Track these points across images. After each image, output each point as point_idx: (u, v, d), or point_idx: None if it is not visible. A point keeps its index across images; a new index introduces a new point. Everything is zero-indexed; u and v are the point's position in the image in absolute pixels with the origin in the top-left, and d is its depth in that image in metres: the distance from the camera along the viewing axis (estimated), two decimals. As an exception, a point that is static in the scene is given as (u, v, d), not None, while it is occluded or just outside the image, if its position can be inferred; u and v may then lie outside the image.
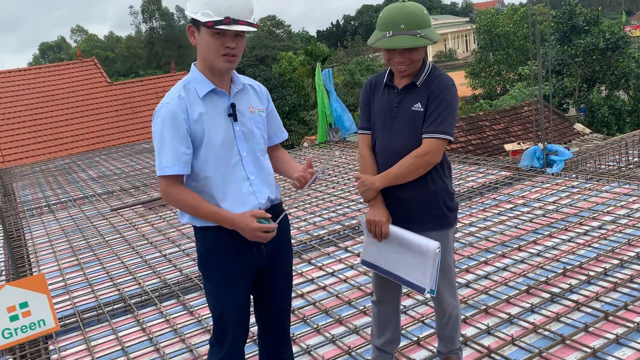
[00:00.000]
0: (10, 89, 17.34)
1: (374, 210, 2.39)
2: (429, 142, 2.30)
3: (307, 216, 5.71)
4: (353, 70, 30.22)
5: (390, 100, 2.41)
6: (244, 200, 2.22)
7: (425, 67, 2.36)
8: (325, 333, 3.32)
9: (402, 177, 2.33)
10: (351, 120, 10.20)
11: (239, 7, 2.12)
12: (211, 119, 2.19)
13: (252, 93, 2.35)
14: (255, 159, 2.28)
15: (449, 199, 2.43)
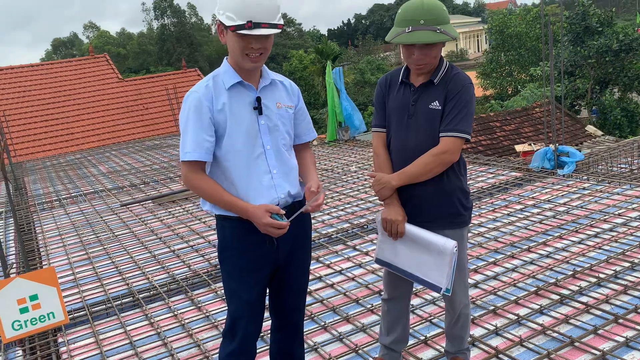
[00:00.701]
0: (23, 84, 17.48)
1: (389, 209, 2.38)
2: (447, 141, 2.28)
3: (316, 214, 5.70)
4: (363, 69, 30.19)
5: (406, 97, 2.39)
6: (263, 193, 2.25)
7: (442, 65, 2.35)
8: (332, 331, 3.32)
9: (419, 176, 2.32)
10: (361, 119, 10.19)
11: (261, 10, 2.11)
12: (235, 110, 2.22)
13: (282, 89, 2.37)
14: (278, 153, 2.30)
15: (464, 197, 2.42)
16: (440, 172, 2.32)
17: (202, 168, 2.24)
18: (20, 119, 16.18)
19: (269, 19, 2.13)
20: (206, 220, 5.97)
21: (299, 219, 2.32)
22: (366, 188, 6.50)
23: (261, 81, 2.29)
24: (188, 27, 59.21)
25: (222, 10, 2.16)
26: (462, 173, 2.42)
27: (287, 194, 2.30)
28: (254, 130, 2.25)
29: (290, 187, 2.32)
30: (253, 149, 2.25)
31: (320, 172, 7.66)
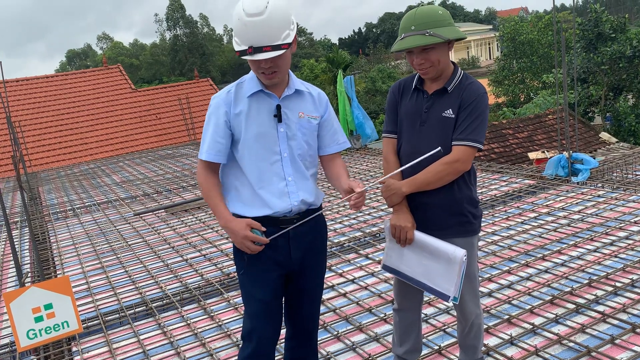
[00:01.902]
0: (38, 95, 17.72)
1: (399, 216, 2.37)
2: (459, 150, 2.28)
3: (328, 222, 5.69)
4: (375, 77, 30.22)
5: (419, 104, 2.40)
6: (278, 199, 2.29)
7: (457, 73, 2.35)
8: (345, 340, 3.30)
9: (430, 184, 2.31)
10: (372, 128, 10.19)
11: (260, 34, 2.13)
12: (254, 116, 2.28)
13: (307, 99, 2.39)
14: (294, 161, 2.33)
15: (473, 206, 2.41)
16: (451, 180, 2.32)
17: (213, 168, 2.34)
18: (35, 129, 16.38)
19: (271, 41, 2.14)
20: (219, 229, 5.98)
21: (314, 225, 2.36)
22: (377, 196, 6.48)
23: (286, 90, 2.32)
24: (200, 37, 59.76)
25: (233, 33, 2.23)
26: (472, 182, 2.42)
27: (300, 201, 2.32)
28: (272, 137, 2.29)
29: (305, 195, 2.34)
30: (270, 155, 2.30)
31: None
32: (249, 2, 2.14)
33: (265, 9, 2.11)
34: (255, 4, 2.12)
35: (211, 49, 60.26)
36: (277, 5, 2.15)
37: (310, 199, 2.36)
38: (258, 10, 2.11)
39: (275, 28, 2.14)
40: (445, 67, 2.33)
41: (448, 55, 2.32)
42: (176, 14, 59.01)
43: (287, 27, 2.18)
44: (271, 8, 2.13)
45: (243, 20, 2.13)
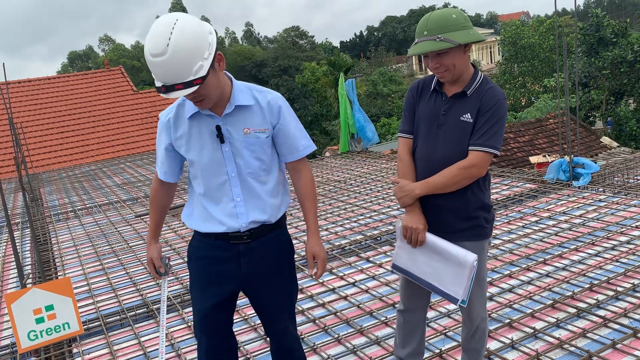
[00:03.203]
0: (39, 96, 17.75)
1: (411, 217, 2.37)
2: (476, 155, 2.27)
3: (329, 225, 5.70)
4: (376, 80, 30.25)
5: (437, 106, 2.38)
6: (226, 220, 2.27)
7: (476, 76, 2.34)
8: (346, 343, 3.30)
9: (444, 187, 2.30)
10: (373, 131, 10.20)
11: (169, 73, 2.01)
12: (195, 139, 2.24)
13: (254, 112, 2.25)
14: (244, 180, 2.26)
15: (485, 210, 2.41)
16: (466, 185, 2.31)
17: (164, 184, 2.43)
18: (37, 130, 16.40)
19: (181, 78, 2.01)
20: (219, 231, 5.98)
21: (266, 240, 2.31)
22: (379, 200, 6.49)
23: (227, 107, 2.21)
24: (202, 40, 59.67)
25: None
26: (486, 187, 2.42)
27: (250, 222, 2.27)
28: (217, 158, 2.24)
29: (257, 214, 2.28)
30: (218, 176, 2.26)
31: (333, 184, 7.66)
32: (150, 40, 2.00)
33: (167, 47, 1.96)
34: (156, 43, 1.97)
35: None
36: (182, 39, 1.98)
37: (263, 217, 2.29)
38: (159, 50, 1.97)
39: (182, 65, 1.99)
40: (463, 70, 2.31)
41: (464, 58, 2.29)
42: (178, 16, 59.04)
43: (198, 60, 2.01)
44: (173, 46, 1.96)
45: (149, 60, 2.01)
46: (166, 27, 1.99)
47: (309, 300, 3.97)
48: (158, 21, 2.04)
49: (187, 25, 2.01)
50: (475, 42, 2.33)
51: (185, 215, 2.40)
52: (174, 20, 2.01)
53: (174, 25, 2.00)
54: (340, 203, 6.56)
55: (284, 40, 64.96)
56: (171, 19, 2.03)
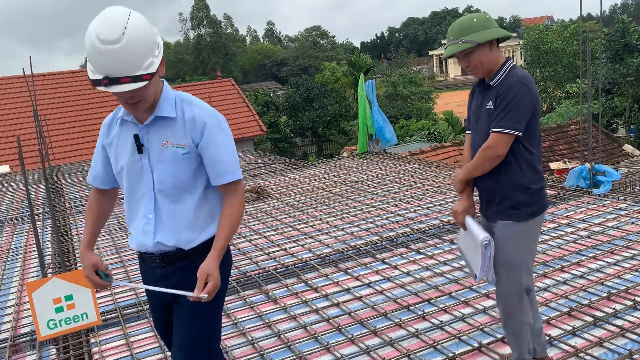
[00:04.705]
0: (62, 90, 18.02)
1: (457, 202, 2.67)
2: (491, 137, 2.47)
3: (345, 225, 5.71)
4: (396, 82, 30.13)
5: (478, 101, 2.63)
6: (138, 237, 2.19)
7: (503, 68, 2.52)
8: (359, 344, 3.31)
9: (474, 170, 2.55)
10: (392, 132, 10.18)
11: (117, 63, 1.85)
12: (120, 147, 2.15)
13: (175, 125, 2.08)
14: (157, 197, 2.11)
15: (522, 191, 2.52)
16: (491, 166, 2.49)
17: (99, 191, 2.31)
18: (59, 123, 16.66)
19: (130, 71, 1.88)
20: (239, 228, 6.02)
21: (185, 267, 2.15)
22: (396, 201, 6.48)
23: (149, 116, 2.07)
24: (224, 37, 60.19)
25: (86, 56, 1.96)
26: (524, 169, 2.51)
27: (157, 244, 2.12)
28: (136, 169, 2.11)
29: (164, 236, 2.11)
30: (136, 189, 2.14)
31: (350, 184, 7.67)
32: (103, 26, 1.85)
33: (122, 35, 1.84)
34: (110, 29, 1.84)
35: (234, 49, 60.63)
36: (137, 30, 1.87)
37: (170, 242, 2.10)
38: (113, 37, 1.83)
39: (135, 56, 1.88)
40: (493, 65, 2.52)
41: (491, 55, 2.51)
42: (201, 13, 59.51)
43: (150, 55, 1.92)
44: (130, 34, 1.85)
45: (96, 48, 1.85)
46: (122, 16, 1.88)
47: (324, 299, 3.99)
48: (109, 9, 1.93)
49: (141, 19, 1.94)
50: (497, 39, 2.52)
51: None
52: (128, 11, 1.92)
53: (129, 15, 1.90)
54: (356, 203, 6.57)
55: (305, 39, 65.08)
56: (124, 9, 1.93)
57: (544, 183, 2.60)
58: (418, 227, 5.39)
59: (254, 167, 10.05)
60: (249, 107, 19.73)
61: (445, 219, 5.55)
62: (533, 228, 2.58)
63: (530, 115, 2.46)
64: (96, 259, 2.21)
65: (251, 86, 40.75)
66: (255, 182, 8.51)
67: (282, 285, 4.30)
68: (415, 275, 4.25)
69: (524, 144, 2.49)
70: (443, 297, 3.84)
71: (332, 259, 4.76)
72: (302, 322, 3.64)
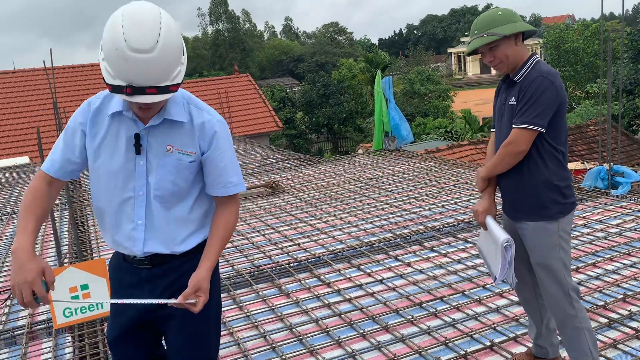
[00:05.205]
0: (82, 82, 18.25)
1: (478, 201, 2.62)
2: (512, 133, 2.42)
3: (359, 222, 5.71)
4: (413, 79, 30.00)
5: (502, 97, 2.58)
6: (122, 243, 1.99)
7: (527, 63, 2.46)
8: (371, 339, 3.31)
9: (495, 166, 2.51)
10: (408, 130, 10.13)
11: (146, 74, 1.69)
12: (110, 142, 1.92)
13: (184, 130, 1.94)
14: (149, 203, 1.95)
15: (551, 190, 2.45)
16: (513, 163, 2.44)
17: (52, 183, 1.97)
18: (79, 116, 16.86)
19: (158, 82, 1.72)
20: (251, 222, 6.06)
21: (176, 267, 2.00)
22: (410, 199, 6.46)
23: (154, 118, 1.89)
24: (241, 33, 60.35)
25: (102, 53, 1.75)
26: (549, 166, 2.45)
27: (145, 252, 1.98)
28: (127, 170, 1.92)
29: (158, 245, 1.97)
30: (123, 191, 1.94)
31: (365, 181, 7.66)
32: (135, 33, 1.67)
33: (156, 44, 1.68)
34: (144, 37, 1.67)
35: (252, 45, 60.77)
36: (170, 38, 1.71)
37: (162, 250, 1.97)
38: (147, 47, 1.67)
39: (165, 66, 1.72)
40: (518, 60, 2.46)
41: (517, 49, 2.45)
42: (219, 8, 59.70)
43: (178, 63, 1.77)
44: (163, 42, 1.69)
45: (124, 54, 1.66)
46: (155, 20, 1.70)
47: (336, 294, 3.99)
48: (138, 8, 1.71)
49: (172, 22, 1.74)
50: (522, 33, 2.46)
51: (98, 225, 2.11)
52: (158, 13, 1.72)
53: (161, 18, 1.71)
54: (371, 200, 6.56)
55: (323, 35, 65.01)
56: (154, 9, 1.73)
57: (572, 180, 2.55)
58: (432, 225, 5.37)
59: (269, 162, 10.08)
60: (266, 103, 19.80)
61: (460, 217, 5.52)
62: (565, 227, 2.49)
63: (555, 110, 2.39)
64: (45, 265, 1.81)
65: (268, 82, 40.86)
66: (270, 177, 8.54)
67: (295, 279, 4.32)
68: (429, 273, 4.23)
69: (548, 140, 2.42)
70: (456, 295, 3.82)
71: (345, 255, 4.77)
72: (313, 316, 3.65)
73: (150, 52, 1.67)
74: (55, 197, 2.01)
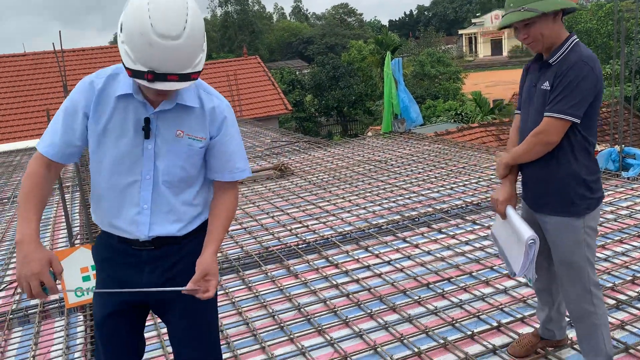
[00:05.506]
0: (92, 65, 18.25)
1: (498, 188, 2.47)
2: (544, 121, 2.26)
3: (367, 204, 5.72)
4: (423, 61, 29.71)
5: (532, 79, 2.41)
6: (126, 227, 1.94)
7: (564, 44, 2.28)
8: (378, 319, 3.34)
9: (521, 155, 2.36)
10: (418, 112, 10.08)
11: (170, 60, 1.67)
12: (116, 125, 1.87)
13: (195, 115, 1.92)
14: (157, 188, 1.91)
15: (579, 184, 2.30)
16: (542, 152, 2.29)
17: (52, 166, 1.90)
18: (89, 99, 16.92)
19: (180, 69, 1.70)
20: (260, 204, 6.09)
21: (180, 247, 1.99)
22: (419, 181, 6.45)
23: (164, 103, 1.85)
24: (250, 14, 60.02)
25: (122, 36, 1.70)
26: (579, 159, 2.30)
27: (150, 236, 1.94)
28: (134, 155, 1.88)
29: (162, 228, 1.94)
30: (128, 174, 1.89)
31: (374, 164, 7.66)
32: (163, 18, 1.63)
33: (183, 31, 1.65)
34: (172, 24, 1.64)
35: (261, 26, 60.42)
36: (196, 24, 1.69)
37: (172, 230, 1.95)
38: (175, 33, 1.64)
39: (189, 53, 1.71)
40: (554, 40, 2.28)
41: (554, 28, 2.27)
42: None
43: (200, 50, 1.75)
44: (189, 28, 1.67)
45: (149, 40, 1.63)
46: (182, 6, 1.67)
47: (344, 275, 4.02)
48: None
49: (196, 7, 1.72)
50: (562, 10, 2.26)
51: (92, 208, 2.05)
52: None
53: (187, 2, 1.69)
54: (379, 183, 6.56)
55: (332, 17, 64.49)
56: None
57: (600, 173, 2.39)
58: (441, 207, 5.37)
59: (278, 145, 10.08)
60: (275, 86, 19.75)
61: (468, 200, 5.51)
62: (591, 222, 2.34)
63: (591, 100, 2.23)
64: (51, 255, 1.79)
65: (277, 64, 40.68)
66: (279, 159, 8.55)
67: (303, 260, 4.35)
68: (436, 254, 4.25)
69: (581, 131, 2.26)
70: (463, 276, 3.83)
71: (353, 237, 4.78)
72: (322, 296, 3.68)
73: (177, 38, 1.65)
74: (54, 180, 1.96)
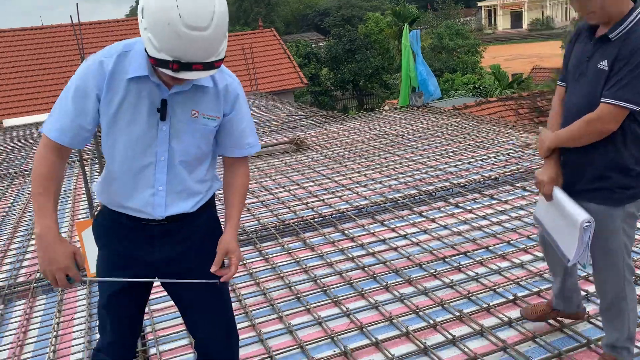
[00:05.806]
0: (109, 38, 18.24)
1: (543, 169, 2.31)
2: (602, 108, 2.06)
3: (383, 179, 5.72)
4: (442, 34, 29.22)
5: (584, 52, 2.19)
6: (141, 209, 1.94)
7: (627, 18, 2.03)
8: (394, 291, 3.37)
9: (569, 140, 2.19)
10: (436, 85, 9.96)
11: (198, 50, 1.66)
12: (129, 107, 1.84)
13: (208, 94, 1.91)
14: (172, 167, 1.92)
15: (623, 173, 2.16)
16: (592, 141, 2.12)
17: (62, 152, 1.89)
18: (106, 72, 16.97)
19: (205, 57, 1.68)
20: (276, 178, 6.12)
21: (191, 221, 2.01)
22: (437, 156, 6.42)
23: (183, 84, 1.84)
24: (266, -14, 59.22)
25: (145, 23, 1.67)
26: (628, 147, 2.13)
27: (164, 216, 1.95)
28: (149, 137, 1.87)
29: (177, 208, 1.96)
30: (142, 157, 1.89)
31: (390, 138, 7.62)
32: (191, 7, 1.61)
33: (211, 21, 1.64)
34: (200, 14, 1.63)
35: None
36: (222, 14, 1.69)
37: (186, 208, 1.97)
38: (204, 25, 1.63)
39: (215, 43, 1.70)
40: (615, 12, 2.04)
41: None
42: (243, -39, 58.57)
43: (224, 38, 1.74)
44: (217, 19, 1.66)
45: (177, 30, 1.61)
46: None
47: (360, 248, 4.05)
48: None
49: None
50: None
51: (99, 189, 2.04)
52: None
53: None
54: (396, 157, 6.54)
55: (349, -11, 63.37)
56: None
57: None
58: (458, 182, 5.35)
59: (294, 119, 10.07)
60: (290, 59, 19.60)
61: (486, 174, 5.48)
62: (631, 209, 2.21)
63: None
64: (75, 248, 1.84)
65: (293, 37, 40.32)
66: (295, 134, 8.55)
67: (319, 233, 4.38)
68: (453, 229, 4.25)
69: (638, 118, 2.08)
70: (480, 250, 3.84)
71: (369, 211, 4.80)
72: (337, 268, 3.72)
73: (206, 29, 1.64)
74: (65, 165, 1.95)
